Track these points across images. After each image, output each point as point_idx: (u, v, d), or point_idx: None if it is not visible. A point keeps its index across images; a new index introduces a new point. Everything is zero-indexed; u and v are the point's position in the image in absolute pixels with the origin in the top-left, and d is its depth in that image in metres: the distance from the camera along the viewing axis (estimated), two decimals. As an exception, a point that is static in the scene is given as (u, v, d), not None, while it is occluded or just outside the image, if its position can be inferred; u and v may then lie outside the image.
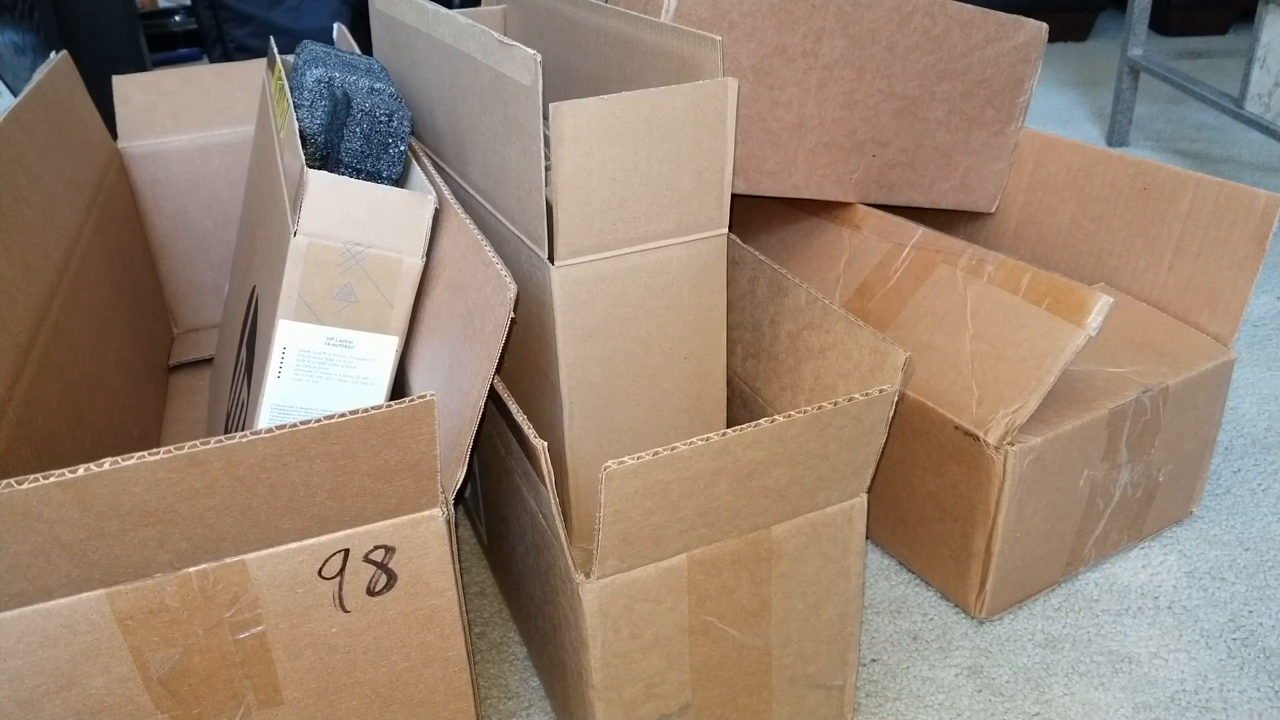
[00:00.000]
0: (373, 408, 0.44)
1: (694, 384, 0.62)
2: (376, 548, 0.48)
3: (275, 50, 0.77)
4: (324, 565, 0.48)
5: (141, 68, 1.50)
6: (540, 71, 0.51)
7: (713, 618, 0.56)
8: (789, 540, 0.56)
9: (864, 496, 0.58)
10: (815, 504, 0.56)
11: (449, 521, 0.50)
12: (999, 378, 0.68)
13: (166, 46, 2.15)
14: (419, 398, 0.45)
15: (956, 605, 0.75)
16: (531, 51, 0.51)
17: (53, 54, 0.86)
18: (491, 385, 0.55)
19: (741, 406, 0.72)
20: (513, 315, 0.49)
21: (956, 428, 0.68)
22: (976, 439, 0.67)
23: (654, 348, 0.59)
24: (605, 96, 0.52)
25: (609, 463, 0.47)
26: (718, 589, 0.55)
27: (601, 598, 0.52)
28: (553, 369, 0.58)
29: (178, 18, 2.11)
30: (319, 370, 0.54)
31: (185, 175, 0.97)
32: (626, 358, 0.59)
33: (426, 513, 0.49)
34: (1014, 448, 0.66)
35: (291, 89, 0.63)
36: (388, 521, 0.48)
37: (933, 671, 0.70)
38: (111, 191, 0.89)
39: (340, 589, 0.49)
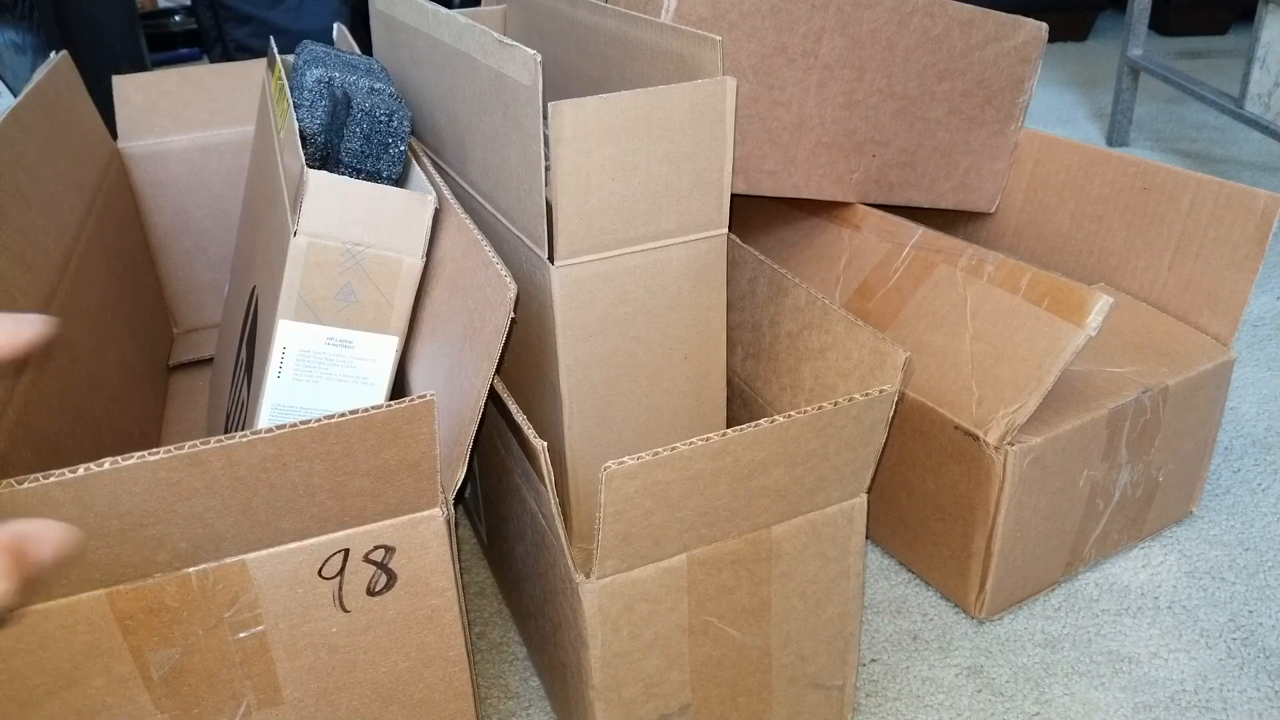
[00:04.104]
0: (372, 407, 0.44)
1: (694, 384, 0.62)
2: (376, 547, 0.48)
3: (275, 50, 0.77)
4: (324, 565, 0.48)
5: (141, 68, 1.50)
6: (540, 71, 0.50)
7: (712, 618, 0.56)
8: (789, 540, 0.56)
9: (864, 496, 0.58)
10: (815, 504, 0.56)
11: (449, 521, 0.50)
12: (999, 378, 0.68)
13: (166, 46, 2.15)
14: (418, 397, 0.45)
15: (956, 605, 0.75)
16: (531, 51, 0.51)
17: (52, 54, 0.86)
18: (491, 385, 0.55)
19: (741, 407, 0.72)
20: (513, 315, 0.49)
21: (956, 428, 0.68)
22: (976, 439, 0.67)
23: (654, 348, 0.59)
24: (604, 95, 0.52)
25: (609, 463, 0.47)
26: (717, 589, 0.55)
27: (601, 598, 0.52)
28: (553, 369, 0.58)
29: (178, 18, 2.11)
30: (319, 370, 0.54)
31: (185, 175, 0.97)
32: (626, 358, 0.59)
33: (426, 513, 0.49)
34: (1014, 448, 0.66)
35: (292, 89, 0.62)
36: (388, 521, 0.48)
37: (933, 671, 0.70)
38: (111, 191, 0.89)
39: (340, 589, 0.49)
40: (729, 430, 0.49)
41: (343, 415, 0.43)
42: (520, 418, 0.53)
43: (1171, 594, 0.76)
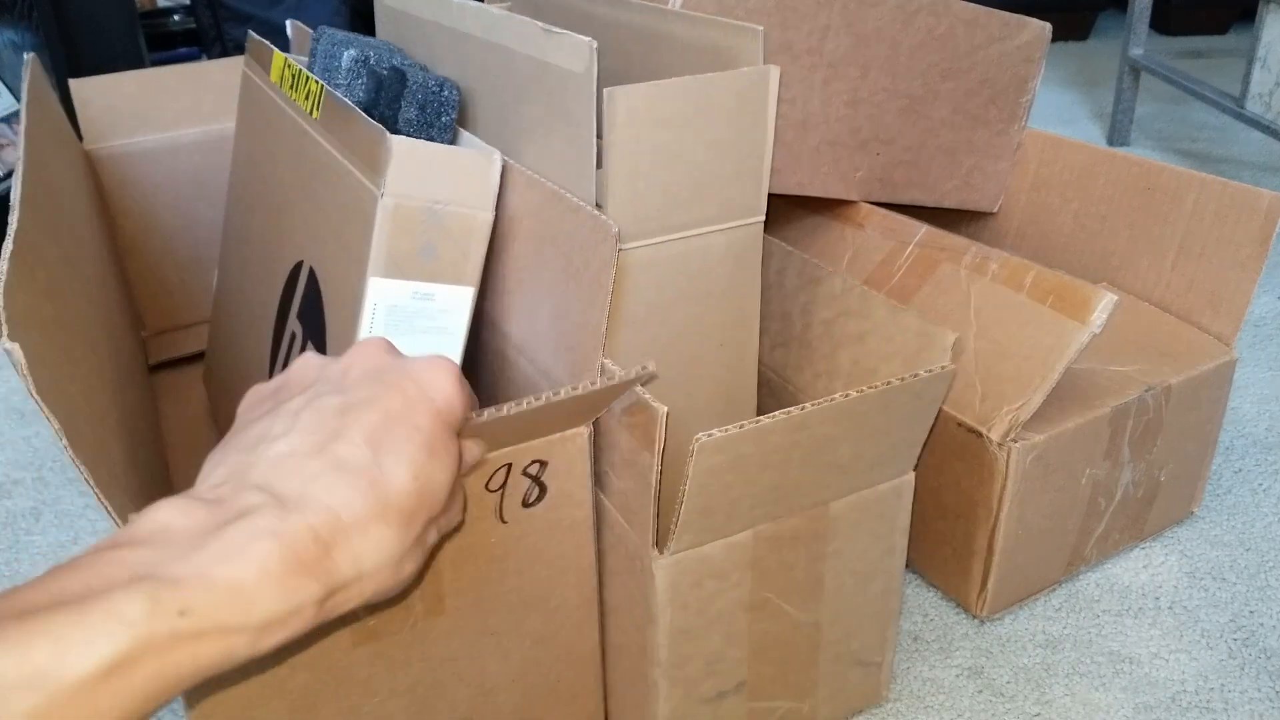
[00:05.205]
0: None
1: (728, 371, 0.62)
2: (533, 462, 0.51)
3: (268, 44, 0.77)
4: (490, 479, 0.50)
5: (140, 67, 1.49)
6: (595, 58, 0.51)
7: (771, 594, 0.56)
8: (844, 517, 0.57)
9: (912, 474, 0.58)
10: (871, 480, 0.56)
11: (590, 438, 0.52)
12: (1002, 375, 0.68)
13: (165, 46, 2.14)
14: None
15: (958, 604, 0.75)
16: (585, 39, 0.51)
17: (25, 56, 0.86)
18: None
19: (769, 395, 0.71)
20: (620, 247, 0.50)
21: (959, 425, 0.68)
22: (979, 436, 0.67)
23: (691, 335, 0.60)
24: (655, 82, 0.52)
25: (699, 434, 0.47)
26: (778, 565, 0.56)
27: (674, 573, 0.52)
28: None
29: (177, 17, 2.11)
30: (405, 323, 0.57)
31: (151, 177, 0.95)
32: (665, 345, 0.59)
33: (574, 430, 0.51)
34: (1017, 445, 0.66)
35: (324, 71, 0.64)
36: (544, 438, 0.50)
37: (933, 672, 0.70)
38: (93, 193, 0.89)
39: (502, 501, 0.51)
40: (806, 404, 0.49)
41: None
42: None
43: (1172, 594, 0.76)
